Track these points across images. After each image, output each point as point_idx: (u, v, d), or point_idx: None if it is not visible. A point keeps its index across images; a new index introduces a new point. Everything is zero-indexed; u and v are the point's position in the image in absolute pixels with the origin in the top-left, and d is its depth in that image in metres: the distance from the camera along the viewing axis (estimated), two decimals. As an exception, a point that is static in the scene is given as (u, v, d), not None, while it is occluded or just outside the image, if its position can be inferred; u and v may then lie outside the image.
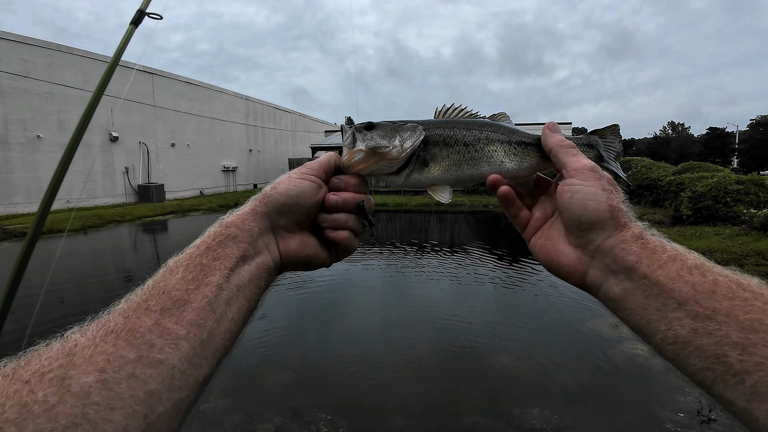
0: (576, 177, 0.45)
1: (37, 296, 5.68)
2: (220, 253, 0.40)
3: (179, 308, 0.36)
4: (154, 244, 10.15)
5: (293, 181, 0.47)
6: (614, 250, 0.39)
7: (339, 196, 0.49)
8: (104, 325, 0.34)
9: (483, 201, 17.46)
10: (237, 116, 26.70)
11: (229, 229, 0.42)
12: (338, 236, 0.49)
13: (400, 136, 0.51)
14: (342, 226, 0.49)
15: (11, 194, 14.02)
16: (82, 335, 0.33)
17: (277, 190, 0.46)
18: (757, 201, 9.16)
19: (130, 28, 1.28)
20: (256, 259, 0.43)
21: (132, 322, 0.34)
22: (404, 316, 4.64)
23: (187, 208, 16.18)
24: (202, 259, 0.39)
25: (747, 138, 46.82)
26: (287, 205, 0.46)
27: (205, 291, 0.37)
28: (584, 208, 0.42)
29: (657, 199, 12.35)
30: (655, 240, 0.39)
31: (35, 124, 14.74)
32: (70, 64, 15.91)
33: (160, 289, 0.37)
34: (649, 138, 73.20)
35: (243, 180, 27.36)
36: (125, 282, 6.47)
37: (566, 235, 0.45)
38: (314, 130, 39.37)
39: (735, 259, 6.47)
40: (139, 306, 0.35)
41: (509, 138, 0.53)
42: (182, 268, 0.38)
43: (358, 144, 0.50)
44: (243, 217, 0.44)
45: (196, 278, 0.38)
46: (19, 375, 0.29)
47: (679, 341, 0.35)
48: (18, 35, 14.09)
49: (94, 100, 1.19)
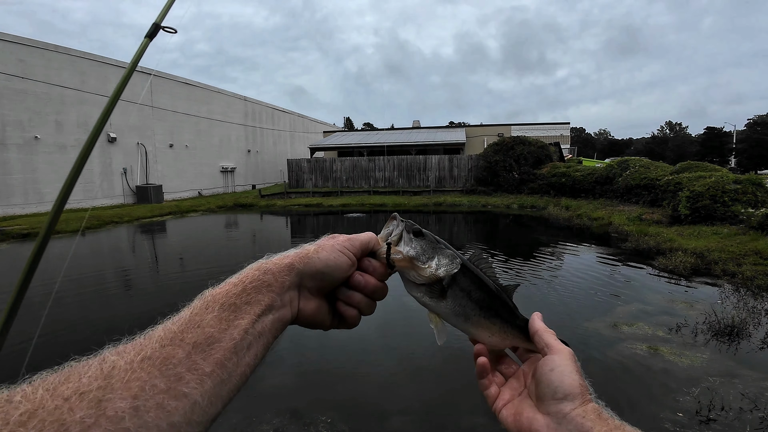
0: (558, 356, 0.52)
1: (36, 297, 5.64)
2: (253, 298, 0.42)
3: (209, 345, 0.37)
4: (153, 245, 10.13)
5: (335, 253, 0.50)
6: (577, 418, 0.46)
7: (364, 278, 0.52)
8: (141, 350, 0.35)
9: (482, 201, 17.48)
10: (235, 117, 26.68)
11: (266, 276, 0.45)
12: (348, 312, 0.52)
13: (438, 260, 0.53)
14: (355, 305, 0.52)
15: (8, 195, 13.97)
16: (119, 358, 0.34)
17: (319, 256, 0.49)
18: (754, 200, 9.19)
19: (145, 41, 1.32)
20: (280, 311, 0.45)
21: (167, 351, 0.35)
22: (404, 317, 4.63)
23: (186, 209, 16.14)
24: (237, 300, 0.41)
25: (744, 137, 46.97)
26: (322, 273, 0.48)
27: (233, 333, 0.39)
28: (561, 381, 0.49)
29: (655, 198, 12.38)
30: (607, 415, 0.46)
31: (33, 125, 14.71)
32: (67, 65, 15.88)
33: (195, 322, 0.39)
34: (647, 138, 73.37)
35: (241, 181, 27.34)
36: (124, 282, 6.45)
37: (537, 405, 0.51)
38: (313, 130, 39.36)
39: (733, 259, 6.49)
40: (175, 336, 0.37)
41: (511, 319, 0.57)
42: (218, 306, 0.40)
43: (402, 245, 0.53)
44: (280, 268, 0.46)
45: (228, 318, 0.40)
46: (60, 391, 0.30)
47: None
48: (15, 36, 14.05)
49: (109, 107, 1.21)
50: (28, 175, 14.57)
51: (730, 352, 3.65)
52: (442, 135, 26.75)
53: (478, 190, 19.55)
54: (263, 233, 12.04)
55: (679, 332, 4.06)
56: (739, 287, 5.49)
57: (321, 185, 22.97)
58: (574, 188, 16.44)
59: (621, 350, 3.71)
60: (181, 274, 6.98)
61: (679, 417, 2.73)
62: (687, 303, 4.93)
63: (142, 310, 5.15)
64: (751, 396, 2.93)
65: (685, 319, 4.37)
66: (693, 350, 3.68)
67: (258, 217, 15.13)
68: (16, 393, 0.29)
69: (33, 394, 0.29)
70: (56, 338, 4.10)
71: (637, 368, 3.40)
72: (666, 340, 3.89)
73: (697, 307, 4.76)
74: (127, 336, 0.37)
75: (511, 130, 28.12)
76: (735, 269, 6.07)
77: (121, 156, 18.25)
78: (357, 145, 25.22)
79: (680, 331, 4.09)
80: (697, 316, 4.41)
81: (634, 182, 13.64)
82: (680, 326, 4.17)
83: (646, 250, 7.91)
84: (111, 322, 4.60)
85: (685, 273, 6.19)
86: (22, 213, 14.18)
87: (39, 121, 14.90)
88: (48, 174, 15.20)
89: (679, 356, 3.56)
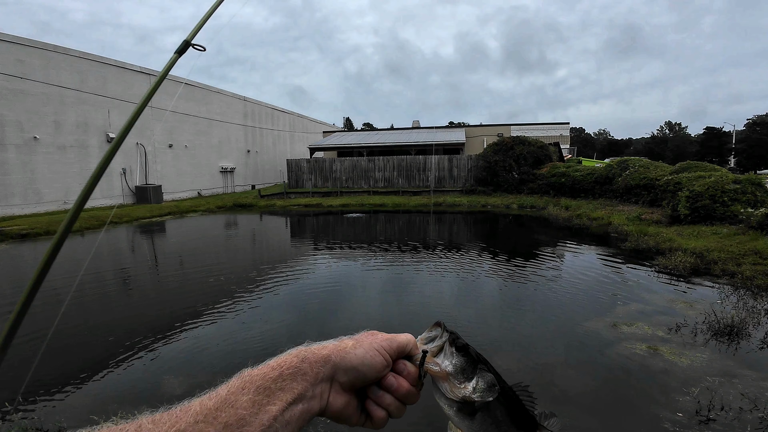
0: None
1: (35, 297, 5.59)
2: (287, 385, 0.43)
3: (240, 428, 0.38)
4: (152, 245, 10.12)
5: (372, 351, 0.49)
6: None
7: (397, 380, 0.50)
8: (175, 423, 0.36)
9: (481, 201, 17.48)
10: (235, 117, 26.67)
11: (303, 365, 0.45)
12: (376, 413, 0.50)
13: (476, 383, 0.50)
14: (385, 407, 0.51)
15: (7, 196, 13.95)
16: (155, 427, 0.35)
17: (356, 352, 0.48)
18: (754, 200, 9.19)
19: (174, 56, 1.38)
20: (310, 402, 0.45)
21: (199, 427, 0.36)
22: (403, 317, 4.63)
23: (185, 209, 16.13)
24: (272, 384, 0.42)
25: (744, 137, 47.02)
26: (357, 370, 0.48)
27: (263, 419, 0.40)
28: None
29: (654, 198, 12.39)
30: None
31: (31, 126, 14.69)
32: (66, 65, 15.86)
33: (230, 402, 0.39)
34: (647, 138, 73.41)
35: (241, 181, 27.32)
36: (123, 283, 6.44)
37: None
38: (312, 130, 39.35)
39: (732, 258, 6.49)
40: (209, 414, 0.38)
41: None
42: (253, 389, 0.41)
43: (441, 357, 0.51)
44: (317, 358, 0.46)
45: (261, 402, 0.41)
46: None
47: None
48: (13, 36, 14.03)
49: (136, 114, 1.25)
50: (26, 176, 14.55)
51: (729, 352, 3.65)
52: (441, 135, 26.74)
53: (478, 190, 19.55)
54: (263, 234, 12.04)
55: (679, 332, 4.06)
56: (739, 287, 5.49)
57: (320, 185, 22.97)
58: (574, 188, 16.45)
59: (620, 350, 3.71)
60: (180, 275, 6.98)
61: (678, 417, 2.73)
62: (686, 303, 4.93)
63: (142, 311, 5.14)
64: (751, 396, 2.93)
65: (685, 319, 4.37)
66: (693, 350, 3.68)
67: (257, 217, 15.12)
68: None
69: None
70: (56, 338, 4.09)
71: (636, 368, 3.40)
72: (665, 340, 3.89)
73: (696, 307, 4.77)
74: (167, 406, 0.39)
75: (510, 130, 28.14)
76: (734, 269, 6.07)
77: (120, 156, 18.22)
78: (356, 145, 25.21)
79: (680, 331, 4.09)
80: (696, 316, 4.42)
81: (633, 182, 13.65)
82: (680, 326, 4.17)
83: (646, 250, 7.91)
84: (110, 324, 4.59)
85: (685, 273, 6.19)
86: (21, 213, 14.16)
87: (38, 122, 14.88)
88: (47, 174, 15.19)
89: (679, 356, 3.56)
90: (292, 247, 9.50)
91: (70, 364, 3.64)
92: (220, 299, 5.30)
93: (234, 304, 5.12)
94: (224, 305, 5.07)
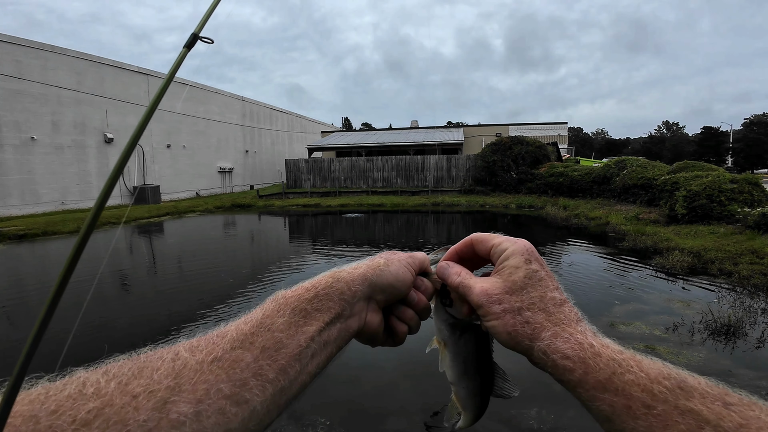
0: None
1: (33, 298, 5.62)
2: (324, 305, 0.42)
3: (276, 351, 0.37)
4: (150, 245, 10.10)
5: (403, 268, 0.49)
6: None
7: (417, 295, 0.52)
8: (213, 350, 0.35)
9: (480, 201, 17.50)
10: (233, 117, 26.63)
11: (339, 284, 0.44)
12: (400, 328, 0.51)
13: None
14: (407, 322, 0.52)
15: (5, 196, 13.91)
16: (191, 356, 0.34)
17: (390, 270, 0.48)
18: (751, 200, 9.23)
19: (183, 51, 1.35)
20: (348, 320, 0.45)
21: (236, 354, 0.35)
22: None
23: (183, 210, 16.11)
24: (308, 305, 0.41)
25: (741, 137, 47.20)
26: (392, 286, 0.48)
27: (300, 339, 0.39)
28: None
29: (652, 198, 12.42)
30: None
31: (29, 126, 14.64)
32: (64, 65, 15.81)
33: (266, 325, 0.38)
34: (645, 137, 73.62)
35: (239, 181, 27.29)
36: (122, 284, 6.43)
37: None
38: (311, 130, 39.32)
39: (729, 258, 6.52)
40: (246, 338, 0.37)
41: (481, 392, 0.56)
42: (289, 311, 0.40)
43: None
44: (354, 277, 0.46)
45: (297, 324, 0.40)
46: (131, 388, 0.30)
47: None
48: (10, 36, 13.98)
49: (148, 114, 1.23)
50: (24, 176, 14.51)
51: (726, 351, 3.67)
52: (440, 135, 26.77)
53: (476, 189, 19.57)
54: (261, 234, 12.03)
55: (676, 331, 4.07)
56: (736, 286, 5.52)
57: (319, 185, 22.96)
58: (572, 188, 16.48)
59: (618, 349, 3.72)
60: (179, 275, 6.97)
61: (676, 416, 2.74)
62: (684, 302, 4.95)
63: (140, 312, 5.14)
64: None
65: (682, 318, 4.39)
66: (690, 349, 3.70)
67: (256, 217, 15.10)
68: (90, 383, 0.30)
69: (105, 387, 0.29)
70: (58, 337, 4.08)
71: (634, 367, 3.41)
72: (663, 340, 3.91)
73: (693, 306, 4.79)
74: (203, 331, 0.38)
75: (509, 130, 28.19)
76: (731, 268, 6.10)
77: (118, 157, 18.14)
78: (355, 145, 25.21)
79: (677, 330, 4.10)
80: (693, 315, 4.43)
81: (631, 182, 13.68)
82: (677, 325, 4.19)
83: (643, 249, 7.94)
84: (108, 325, 4.58)
85: (682, 272, 6.22)
86: (19, 214, 14.11)
87: (35, 122, 14.84)
88: (44, 175, 15.15)
89: (676, 355, 3.58)
90: (291, 247, 9.49)
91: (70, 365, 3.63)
92: (219, 299, 5.29)
93: (234, 304, 5.12)
94: (224, 305, 5.07)
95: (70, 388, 0.29)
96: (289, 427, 2.68)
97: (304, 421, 2.74)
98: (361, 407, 2.97)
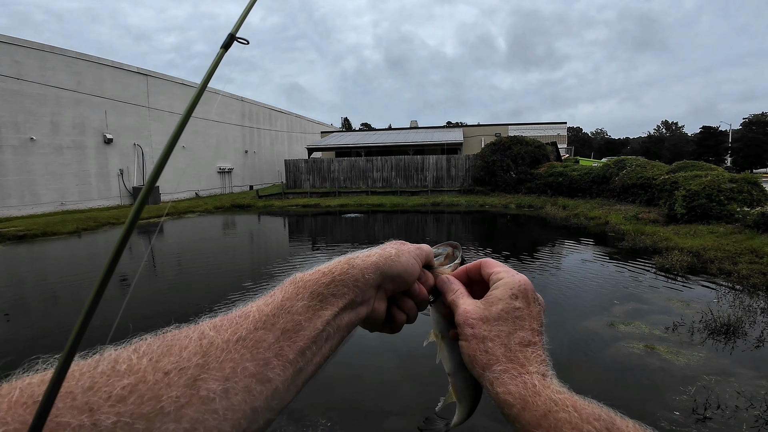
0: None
1: (32, 298, 5.63)
2: (339, 291, 0.43)
3: (296, 333, 0.39)
4: (149, 246, 10.09)
5: (412, 260, 0.51)
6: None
7: (419, 287, 0.53)
8: (237, 330, 0.36)
9: (479, 201, 17.51)
10: (232, 117, 26.63)
11: (354, 270, 0.45)
12: (400, 317, 0.53)
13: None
14: (407, 311, 0.53)
15: (4, 197, 13.90)
16: (217, 335, 0.35)
17: (400, 260, 0.49)
18: (750, 199, 9.24)
19: (221, 51, 1.35)
20: (359, 307, 0.46)
21: (259, 334, 0.36)
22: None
23: (183, 210, 16.09)
24: (325, 290, 0.42)
25: (740, 137, 47.24)
26: (401, 277, 0.49)
27: (317, 323, 0.40)
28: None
29: (651, 197, 12.43)
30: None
31: (28, 127, 14.63)
32: (63, 65, 15.81)
33: (286, 308, 0.40)
34: (644, 137, 73.68)
35: (239, 181, 27.28)
36: (121, 284, 6.43)
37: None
38: (310, 131, 39.32)
39: (729, 257, 6.52)
40: (267, 320, 0.38)
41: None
42: (307, 295, 0.41)
43: (458, 260, 0.57)
44: (367, 264, 0.47)
45: (315, 308, 0.41)
46: (162, 365, 0.31)
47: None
48: (9, 37, 13.97)
49: (184, 120, 1.24)
50: (23, 177, 14.50)
51: (726, 351, 3.67)
52: (439, 135, 26.77)
53: (476, 189, 19.58)
54: (261, 234, 12.02)
55: (676, 331, 4.08)
56: (735, 286, 5.52)
57: (319, 186, 22.95)
58: (571, 188, 16.49)
59: (618, 349, 3.72)
60: (179, 275, 6.97)
61: (675, 415, 2.74)
62: (683, 302, 4.95)
63: (140, 313, 5.13)
64: (747, 394, 2.95)
65: (682, 317, 4.39)
66: (689, 349, 3.70)
67: (255, 217, 15.10)
68: (122, 360, 0.30)
69: (138, 364, 0.30)
70: (56, 339, 4.08)
71: (633, 367, 3.41)
72: (662, 339, 3.91)
73: (693, 305, 4.79)
74: (225, 310, 0.40)
75: (508, 130, 28.20)
76: (731, 268, 6.10)
77: (117, 157, 18.17)
78: (354, 146, 25.20)
79: (677, 329, 4.11)
80: (693, 315, 4.44)
81: (630, 181, 13.69)
82: (677, 325, 4.19)
83: (643, 249, 7.94)
84: (108, 326, 4.57)
85: (682, 272, 6.22)
86: (19, 215, 14.10)
87: (34, 123, 14.83)
88: (44, 175, 15.13)
89: (676, 355, 3.58)
90: (291, 247, 9.49)
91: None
92: (219, 300, 5.29)
93: (233, 304, 5.11)
94: (224, 305, 5.06)
95: (103, 365, 0.30)
96: (289, 427, 2.68)
97: (304, 421, 2.74)
98: (361, 407, 2.97)
